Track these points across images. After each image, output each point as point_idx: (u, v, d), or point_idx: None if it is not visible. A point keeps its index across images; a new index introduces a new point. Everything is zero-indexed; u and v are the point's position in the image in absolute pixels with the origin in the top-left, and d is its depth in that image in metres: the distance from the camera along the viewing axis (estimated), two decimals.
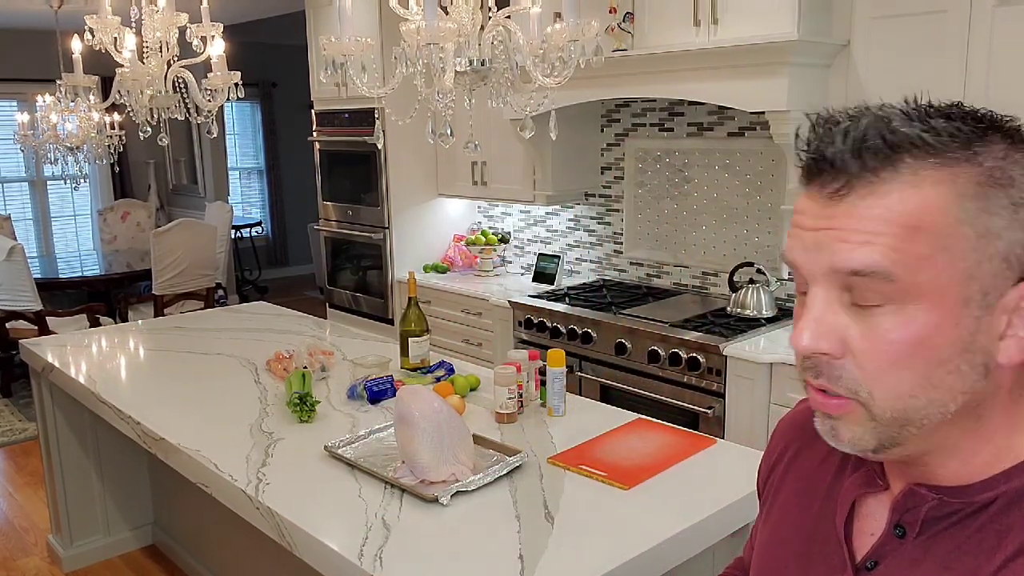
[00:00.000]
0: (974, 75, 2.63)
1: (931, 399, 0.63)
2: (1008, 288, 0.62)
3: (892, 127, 0.62)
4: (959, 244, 0.61)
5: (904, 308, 0.62)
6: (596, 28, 1.75)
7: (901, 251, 0.61)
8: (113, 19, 2.56)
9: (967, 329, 0.62)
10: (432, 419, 1.82)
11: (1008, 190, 0.62)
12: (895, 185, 0.62)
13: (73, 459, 3.20)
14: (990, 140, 0.63)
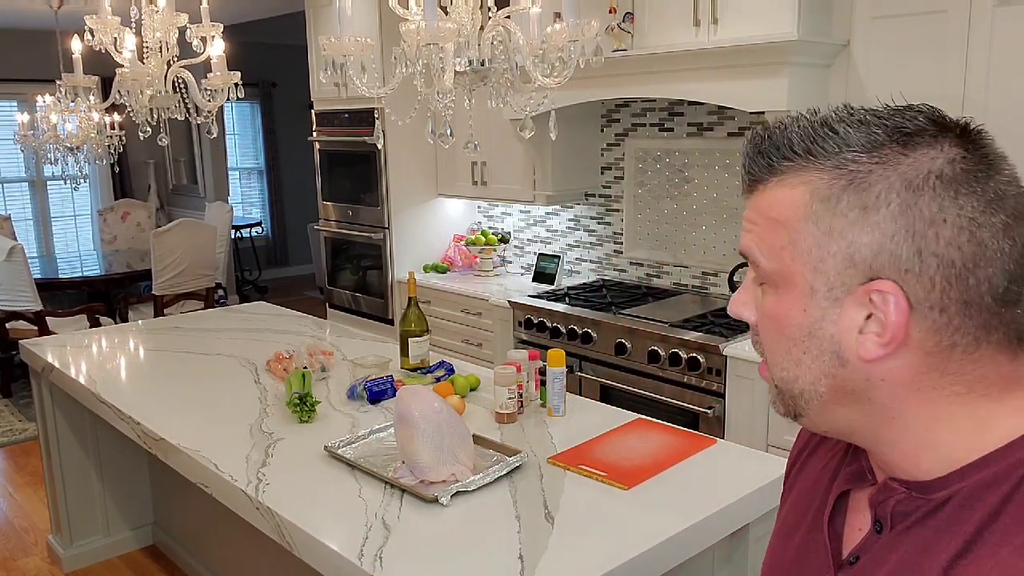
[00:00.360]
0: (974, 75, 2.63)
1: (798, 375, 0.70)
2: (856, 286, 0.65)
3: (787, 135, 0.68)
4: (805, 239, 0.67)
5: (773, 290, 0.71)
6: (596, 28, 1.75)
7: (766, 241, 0.70)
8: (113, 19, 2.56)
9: (812, 317, 0.68)
10: (432, 419, 1.82)
11: (862, 194, 0.64)
12: (774, 185, 0.69)
13: (73, 459, 3.20)
14: (853, 147, 0.66)
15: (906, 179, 0.64)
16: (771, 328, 0.72)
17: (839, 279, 0.66)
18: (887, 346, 0.65)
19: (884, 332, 0.65)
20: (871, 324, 0.66)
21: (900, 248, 0.63)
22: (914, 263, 0.63)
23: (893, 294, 0.64)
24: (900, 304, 0.64)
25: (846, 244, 0.65)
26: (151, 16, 2.62)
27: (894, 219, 0.63)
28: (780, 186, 0.69)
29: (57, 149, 5.28)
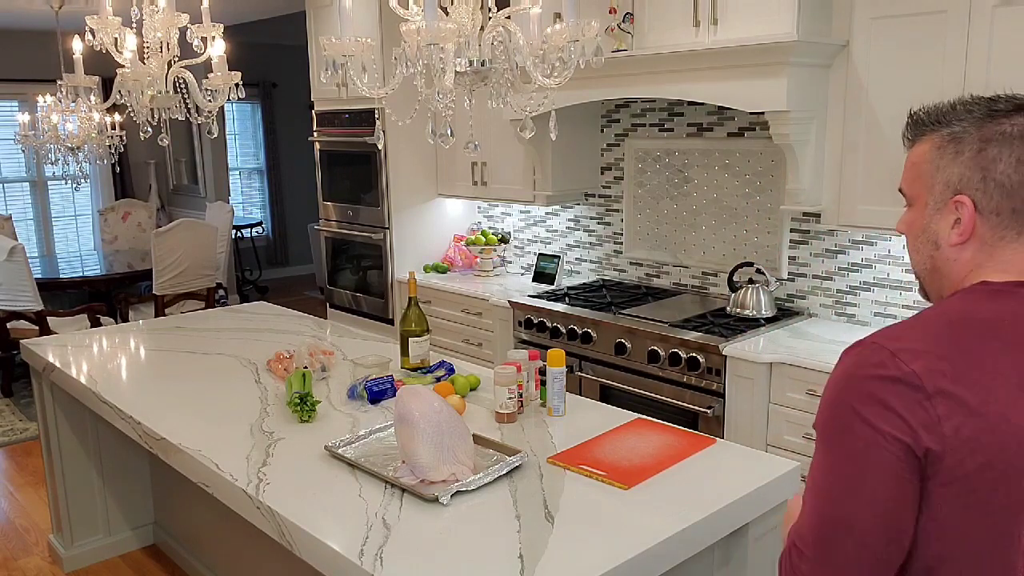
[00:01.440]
0: (974, 75, 2.63)
1: (918, 259, 1.14)
2: (948, 200, 1.07)
3: (931, 114, 1.13)
4: (926, 173, 1.11)
5: (910, 207, 1.15)
6: (596, 28, 1.75)
7: (908, 176, 1.16)
8: (114, 20, 2.56)
9: (926, 219, 1.11)
10: (432, 419, 1.82)
11: (957, 145, 1.06)
12: (918, 143, 1.14)
13: (74, 459, 3.21)
14: (962, 119, 1.07)
15: (983, 136, 1.04)
16: (907, 231, 1.15)
17: (941, 196, 1.08)
18: (963, 235, 1.06)
19: (963, 227, 1.06)
20: (956, 226, 1.06)
21: (974, 175, 1.04)
22: (980, 184, 1.04)
23: (967, 203, 1.05)
24: (970, 208, 1.05)
25: (945, 175, 1.07)
26: (152, 16, 2.62)
27: (972, 159, 1.05)
28: (920, 143, 1.13)
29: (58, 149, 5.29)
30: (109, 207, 7.32)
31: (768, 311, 3.32)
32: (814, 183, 3.08)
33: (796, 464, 1.94)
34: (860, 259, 3.27)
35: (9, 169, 7.84)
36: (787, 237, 3.46)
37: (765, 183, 3.49)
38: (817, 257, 3.39)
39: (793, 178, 3.07)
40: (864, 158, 2.94)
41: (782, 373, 2.90)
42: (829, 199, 3.06)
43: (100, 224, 7.27)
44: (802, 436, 2.90)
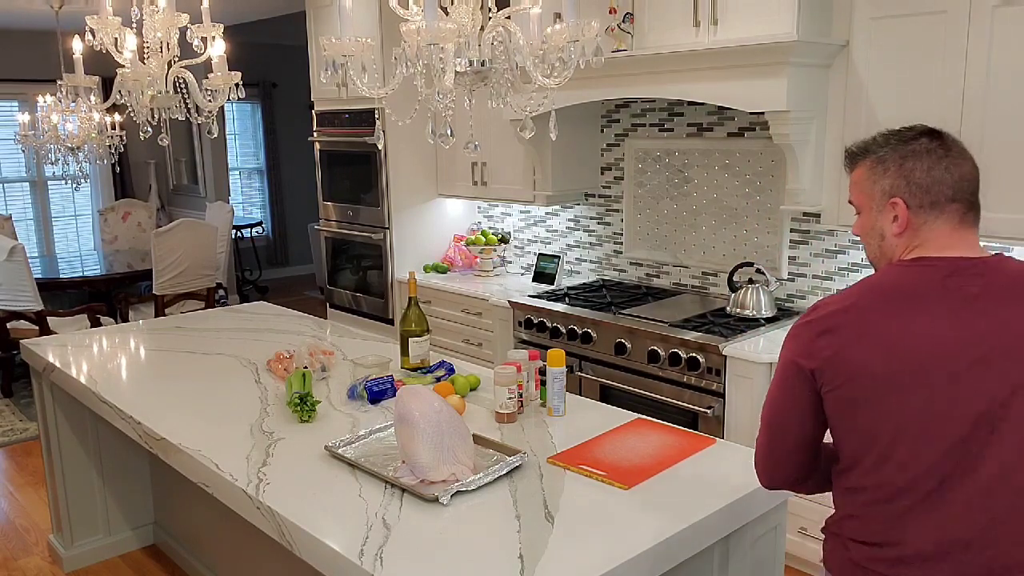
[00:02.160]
0: (974, 75, 2.63)
1: (870, 250, 1.51)
2: (887, 203, 1.44)
3: (860, 148, 1.52)
4: (866, 188, 1.48)
5: (859, 214, 1.51)
6: (596, 29, 1.75)
7: (855, 193, 1.51)
8: (114, 20, 2.56)
9: (872, 220, 1.47)
10: (432, 419, 1.82)
11: (883, 165, 1.45)
12: (856, 169, 1.51)
13: (74, 459, 3.21)
14: (882, 147, 1.47)
15: (901, 155, 1.44)
16: (861, 232, 1.52)
17: (880, 201, 1.45)
18: (901, 226, 1.43)
19: (900, 221, 1.43)
20: (895, 221, 1.43)
21: (900, 183, 1.43)
22: (906, 188, 1.42)
23: (900, 202, 1.42)
24: (903, 206, 1.42)
25: (880, 186, 1.45)
26: (152, 16, 2.62)
27: (896, 172, 1.43)
28: (857, 169, 1.51)
29: (58, 149, 5.29)
30: (109, 207, 7.32)
31: (768, 311, 3.32)
32: (814, 183, 3.08)
33: None
34: (860, 259, 3.27)
35: (9, 169, 7.84)
36: (787, 237, 3.46)
37: (765, 183, 3.49)
38: (817, 257, 3.39)
39: (793, 178, 3.07)
40: None
41: None
42: (829, 199, 3.06)
43: (100, 224, 7.27)
44: None
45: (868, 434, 1.35)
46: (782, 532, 1.96)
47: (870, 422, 1.35)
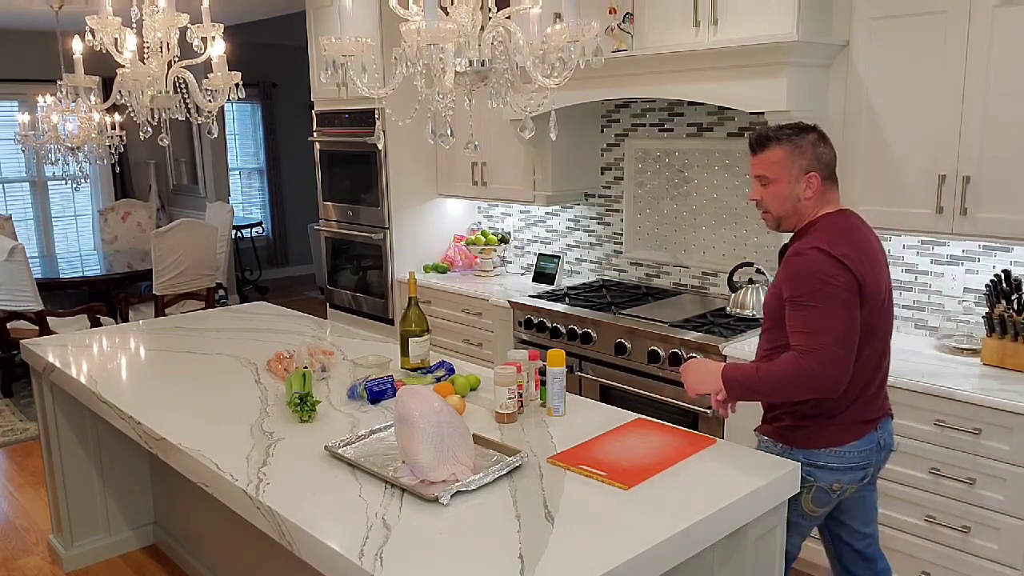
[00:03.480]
0: (974, 75, 2.63)
1: (781, 208, 2.08)
2: (803, 175, 2.03)
3: (777, 129, 2.06)
4: (784, 166, 2.05)
5: (771, 183, 2.07)
6: (596, 29, 1.75)
7: (771, 169, 2.06)
8: (114, 20, 2.56)
9: (789, 188, 2.05)
10: (432, 419, 1.82)
11: (800, 147, 2.04)
12: (769, 150, 2.06)
13: (74, 459, 3.21)
14: (803, 133, 2.05)
15: (809, 141, 2.05)
16: (770, 196, 2.07)
17: (798, 175, 2.04)
18: (813, 193, 2.05)
19: (812, 188, 2.04)
20: (808, 188, 2.04)
21: (813, 161, 2.04)
22: (817, 166, 2.05)
23: (815, 176, 2.04)
24: (816, 178, 2.04)
25: (799, 164, 2.04)
26: (152, 16, 2.62)
27: (811, 155, 2.05)
28: (771, 150, 2.05)
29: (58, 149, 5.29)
30: (109, 207, 7.32)
31: None
32: None
33: (796, 464, 1.94)
34: None
35: (9, 169, 7.85)
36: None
37: None
38: None
39: None
40: (864, 158, 2.94)
41: None
42: None
43: (100, 224, 7.28)
44: None
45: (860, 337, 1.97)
46: (782, 532, 1.96)
47: (864, 328, 1.97)
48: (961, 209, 2.71)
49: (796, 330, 1.94)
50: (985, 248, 2.94)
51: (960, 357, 2.85)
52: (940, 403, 2.56)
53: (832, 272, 1.91)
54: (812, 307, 1.91)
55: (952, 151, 2.71)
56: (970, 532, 2.55)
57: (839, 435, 2.05)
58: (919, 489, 2.65)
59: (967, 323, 2.92)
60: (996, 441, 2.46)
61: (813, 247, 1.94)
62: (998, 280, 2.74)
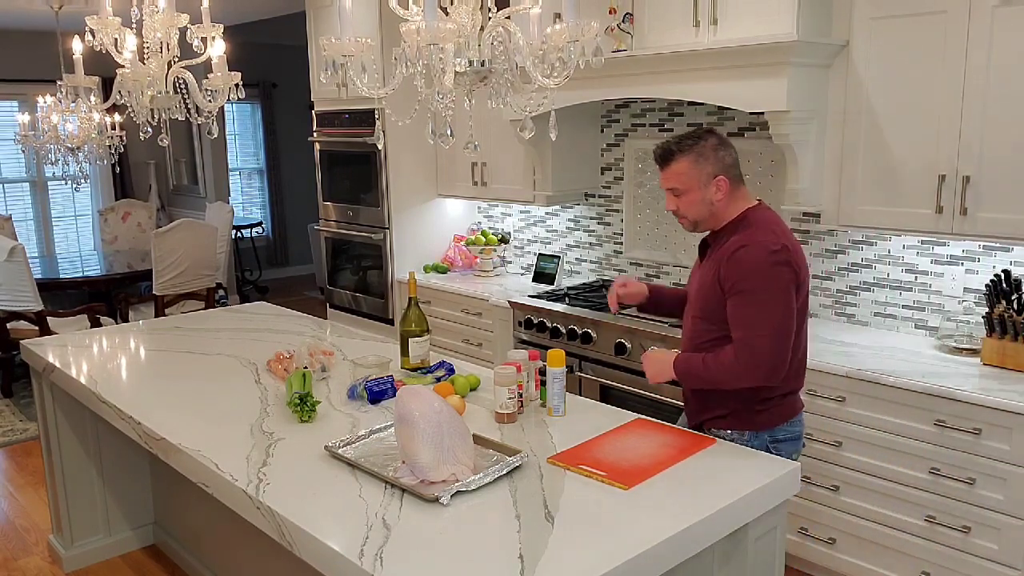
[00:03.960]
0: (974, 75, 2.63)
1: (697, 214, 2.19)
2: (711, 180, 2.14)
3: (678, 142, 2.18)
4: (693, 175, 2.15)
5: (683, 193, 2.18)
6: (596, 29, 1.75)
7: (680, 180, 2.17)
8: (113, 20, 2.56)
9: (700, 195, 2.16)
10: (432, 419, 1.82)
11: (703, 155, 2.15)
12: (674, 163, 2.18)
13: (74, 459, 3.21)
14: (703, 140, 2.15)
15: (710, 147, 2.15)
16: (685, 204, 2.18)
17: (707, 180, 2.15)
18: (723, 196, 2.16)
19: (722, 191, 2.15)
20: (719, 191, 2.15)
21: (718, 166, 2.15)
22: (723, 170, 2.15)
23: (723, 180, 2.15)
24: (724, 182, 2.15)
25: (707, 171, 2.14)
26: (152, 17, 2.62)
27: (715, 160, 2.15)
28: (676, 163, 2.17)
29: (58, 149, 5.29)
30: (109, 207, 7.32)
31: None
32: (814, 183, 3.08)
33: (796, 464, 1.94)
34: (860, 259, 3.27)
35: (9, 169, 7.85)
36: None
37: (765, 183, 3.49)
38: (817, 257, 3.39)
39: (793, 178, 3.07)
40: (864, 158, 2.94)
41: None
42: (829, 199, 3.06)
43: (100, 224, 7.28)
44: None
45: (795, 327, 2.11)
46: (782, 532, 1.96)
47: (800, 311, 2.12)
48: (961, 209, 2.71)
49: (739, 322, 2.07)
50: (985, 248, 2.94)
51: (960, 357, 2.85)
52: (940, 403, 2.56)
53: (776, 267, 2.04)
54: (756, 301, 2.05)
55: (952, 151, 2.71)
56: (970, 532, 2.55)
57: (791, 407, 2.23)
58: (919, 489, 2.65)
59: (967, 323, 2.92)
60: (996, 441, 2.46)
61: (757, 242, 2.07)
62: (998, 280, 2.74)
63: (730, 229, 2.17)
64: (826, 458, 2.85)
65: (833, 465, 2.84)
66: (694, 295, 2.25)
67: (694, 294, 2.25)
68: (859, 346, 3.01)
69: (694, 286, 2.27)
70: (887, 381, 2.66)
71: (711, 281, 2.15)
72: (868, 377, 2.70)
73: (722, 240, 2.17)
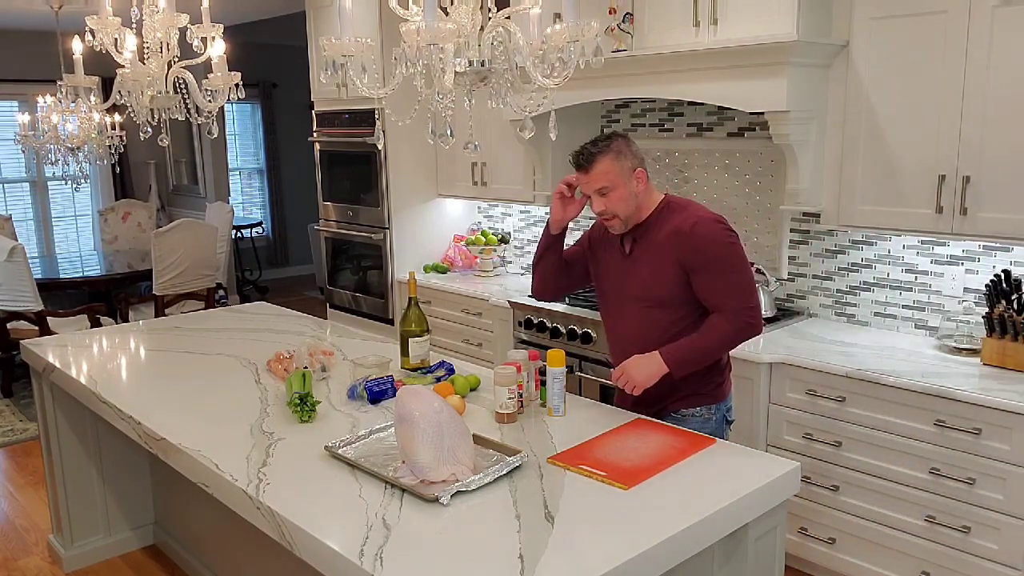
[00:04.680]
0: (974, 75, 2.63)
1: (626, 208, 2.24)
2: (632, 172, 2.23)
3: (593, 144, 2.24)
4: (616, 172, 2.21)
5: (610, 191, 2.22)
6: (596, 29, 1.75)
7: (607, 179, 2.21)
8: (113, 20, 2.56)
9: (627, 190, 2.22)
10: (432, 419, 1.82)
11: (620, 151, 2.22)
12: (597, 164, 2.21)
13: (74, 459, 3.21)
14: (614, 140, 2.23)
15: (624, 144, 2.23)
16: (615, 201, 2.22)
17: (628, 175, 2.22)
18: (643, 186, 2.26)
19: (642, 182, 2.25)
20: (640, 183, 2.24)
21: (635, 159, 2.25)
22: (640, 163, 2.26)
23: (641, 171, 2.25)
24: (643, 172, 2.26)
25: (627, 166, 2.22)
26: (152, 17, 2.62)
27: (632, 155, 2.24)
28: (598, 163, 2.21)
29: (58, 149, 5.29)
30: (109, 207, 7.32)
31: (768, 311, 3.32)
32: (814, 183, 3.08)
33: (796, 464, 1.94)
34: (860, 259, 3.27)
35: (9, 169, 7.85)
36: (787, 237, 3.46)
37: (765, 183, 3.49)
38: (817, 257, 3.39)
39: (793, 178, 3.07)
40: (864, 158, 2.94)
41: (782, 373, 2.90)
42: (829, 199, 3.06)
43: (100, 224, 7.28)
44: (802, 436, 2.90)
45: None
46: (782, 532, 1.96)
47: None
48: (961, 209, 2.71)
49: (723, 291, 2.18)
50: (985, 248, 2.94)
51: (960, 357, 2.85)
52: (940, 403, 2.56)
53: (734, 236, 2.20)
54: (733, 269, 2.18)
55: (952, 151, 2.71)
56: (970, 532, 2.55)
57: (729, 375, 2.40)
58: (919, 489, 2.65)
59: (967, 323, 2.92)
60: (996, 441, 2.46)
61: (703, 217, 2.20)
62: (998, 280, 2.74)
63: (657, 217, 2.27)
64: (826, 458, 2.85)
65: (833, 465, 2.84)
66: (639, 288, 2.29)
67: (639, 287, 2.29)
68: (859, 346, 3.01)
69: (631, 280, 2.30)
70: (887, 381, 2.66)
71: (664, 266, 2.23)
72: (868, 377, 2.70)
73: (652, 229, 2.26)
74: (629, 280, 2.32)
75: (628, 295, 2.33)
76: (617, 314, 2.38)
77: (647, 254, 2.27)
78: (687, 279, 2.22)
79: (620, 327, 2.38)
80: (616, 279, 2.36)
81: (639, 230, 2.29)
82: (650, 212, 2.28)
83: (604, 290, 2.42)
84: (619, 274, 2.35)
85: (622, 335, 2.38)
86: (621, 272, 2.34)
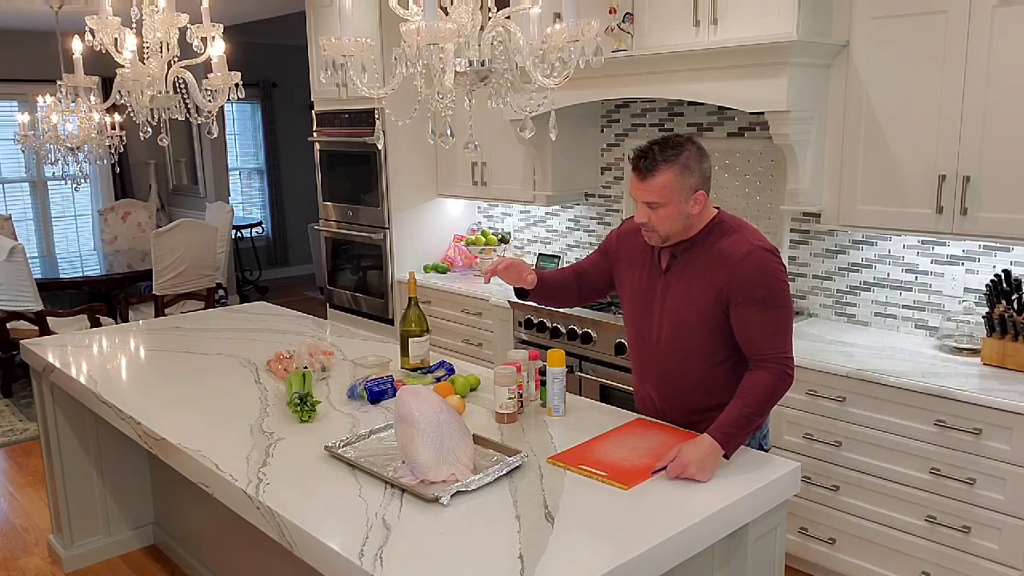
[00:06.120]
0: (974, 75, 2.63)
1: (672, 227, 2.04)
2: (691, 194, 2.01)
3: (657, 155, 2.00)
4: (675, 188, 1.99)
5: (660, 207, 2.01)
6: (596, 28, 1.75)
7: (662, 193, 2.00)
8: (113, 20, 2.56)
9: (680, 208, 2.01)
10: (432, 419, 1.82)
11: (688, 166, 1.99)
12: (658, 174, 1.99)
13: (74, 459, 3.21)
14: (686, 149, 2.00)
15: (694, 157, 2.01)
16: (663, 218, 2.01)
17: (687, 194, 2.01)
18: (700, 206, 2.04)
19: (699, 204, 2.03)
20: (696, 205, 2.03)
21: (700, 178, 2.02)
22: (704, 184, 2.03)
23: (702, 193, 2.03)
24: (703, 195, 2.03)
25: (688, 184, 2.00)
26: (151, 17, 2.62)
27: (699, 173, 2.02)
28: (660, 174, 1.98)
29: (58, 149, 5.28)
30: (109, 207, 7.32)
31: None
32: (814, 183, 3.08)
33: (796, 464, 1.94)
34: (860, 259, 3.27)
35: (9, 169, 7.84)
36: (787, 237, 3.46)
37: (765, 183, 3.49)
38: (817, 257, 3.39)
39: (793, 178, 3.07)
40: (864, 158, 2.94)
41: None
42: (829, 199, 3.06)
43: (100, 224, 7.27)
44: (802, 436, 2.90)
45: None
46: (782, 532, 1.96)
47: None
48: (961, 209, 2.71)
49: (761, 331, 1.98)
50: (985, 248, 2.94)
51: (960, 357, 2.85)
52: (940, 403, 2.56)
53: (784, 271, 2.03)
54: (779, 308, 1.99)
55: (952, 151, 2.71)
56: (970, 532, 2.55)
57: None
58: (919, 489, 2.65)
59: (967, 323, 2.92)
60: (996, 441, 2.46)
61: (756, 246, 2.00)
62: (998, 280, 2.74)
63: (704, 236, 2.07)
64: (826, 458, 2.85)
65: (833, 465, 2.84)
66: (668, 309, 2.10)
67: (669, 307, 2.10)
68: (859, 346, 3.01)
69: (662, 297, 2.12)
70: (887, 381, 2.66)
71: (702, 290, 2.03)
72: (868, 377, 2.70)
73: (696, 247, 2.07)
74: (660, 297, 2.13)
75: (656, 312, 2.14)
76: (645, 329, 2.18)
77: (686, 274, 2.08)
78: (724, 308, 2.02)
79: (645, 351, 2.20)
80: (645, 293, 2.17)
81: (681, 246, 2.09)
82: (698, 231, 2.08)
83: (630, 302, 2.23)
84: (648, 289, 2.16)
85: (647, 360, 2.20)
86: (651, 287, 2.15)
